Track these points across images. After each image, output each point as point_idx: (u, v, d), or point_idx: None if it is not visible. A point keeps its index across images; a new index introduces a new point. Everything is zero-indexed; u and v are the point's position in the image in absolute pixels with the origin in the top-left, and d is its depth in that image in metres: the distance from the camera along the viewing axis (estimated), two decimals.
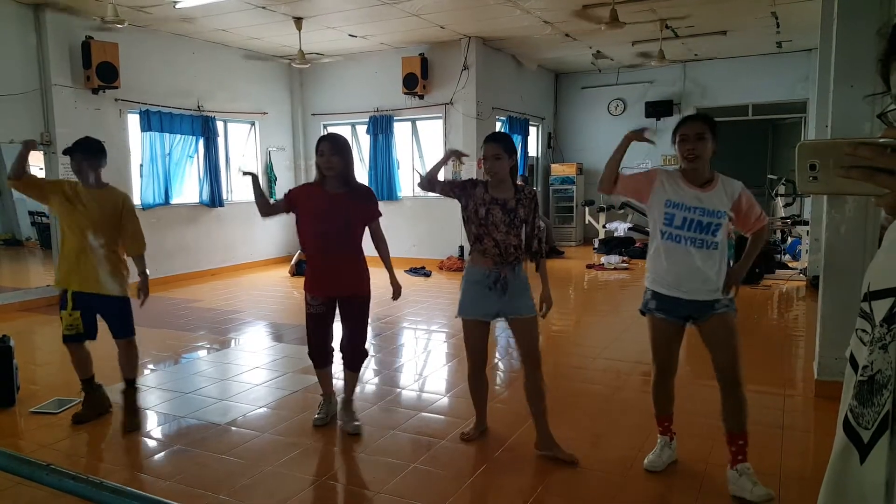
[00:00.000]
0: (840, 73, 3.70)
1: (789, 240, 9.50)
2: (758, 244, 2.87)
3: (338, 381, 3.89)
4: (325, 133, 3.63)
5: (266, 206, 3.51)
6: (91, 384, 3.79)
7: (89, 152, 3.57)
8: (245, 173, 3.55)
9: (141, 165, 8.24)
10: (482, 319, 3.17)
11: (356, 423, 3.58)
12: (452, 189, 3.20)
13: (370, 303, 3.55)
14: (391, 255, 3.61)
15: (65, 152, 3.64)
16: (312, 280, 3.47)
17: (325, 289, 3.43)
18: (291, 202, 3.47)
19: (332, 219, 3.35)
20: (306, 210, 3.41)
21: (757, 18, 8.18)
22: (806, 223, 8.36)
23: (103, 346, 3.78)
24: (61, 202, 3.56)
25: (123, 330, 3.69)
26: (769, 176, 10.44)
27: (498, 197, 3.09)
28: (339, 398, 3.73)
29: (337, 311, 3.52)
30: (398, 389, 4.21)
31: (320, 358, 3.61)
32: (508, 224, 3.07)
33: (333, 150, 3.31)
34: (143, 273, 3.71)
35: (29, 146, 3.66)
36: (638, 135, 2.90)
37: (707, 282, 2.72)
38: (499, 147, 3.05)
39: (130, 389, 3.77)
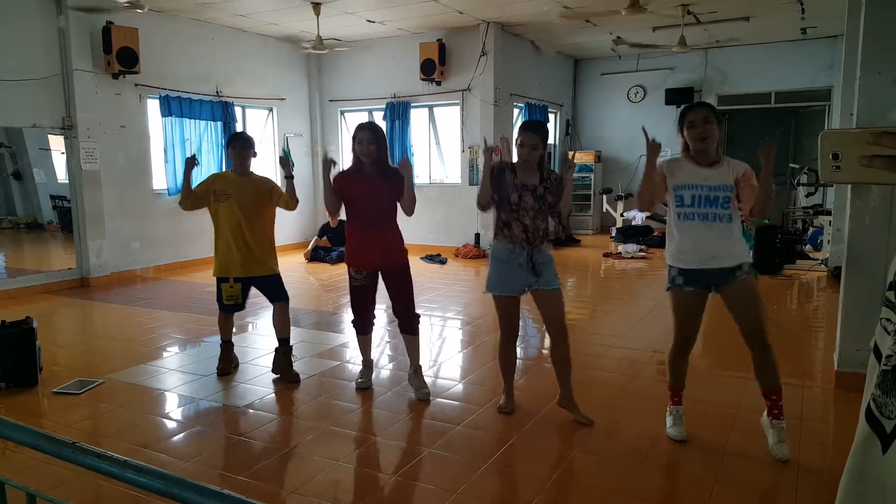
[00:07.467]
0: (867, 60, 3.61)
1: (810, 230, 9.36)
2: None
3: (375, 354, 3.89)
4: (363, 122, 3.85)
5: (332, 200, 3.73)
6: (229, 344, 4.35)
7: (245, 143, 4.04)
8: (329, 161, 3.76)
9: (165, 150, 8.30)
10: (513, 294, 3.34)
11: (425, 390, 3.81)
12: (494, 192, 3.32)
13: (410, 269, 3.81)
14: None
15: (227, 143, 4.10)
16: (356, 255, 3.77)
17: (368, 263, 3.74)
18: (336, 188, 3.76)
19: (372, 203, 3.67)
20: (350, 195, 3.69)
21: (782, 4, 8.00)
22: (828, 213, 8.22)
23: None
24: (214, 199, 3.98)
25: (280, 296, 4.19)
26: (791, 165, 10.25)
27: (528, 183, 3.28)
28: (409, 368, 3.94)
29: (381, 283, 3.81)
30: None
31: (363, 325, 3.95)
32: (538, 210, 3.26)
33: (372, 139, 3.60)
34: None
35: (190, 165, 3.95)
36: (652, 145, 3.03)
37: (724, 250, 2.87)
38: (537, 138, 3.26)
39: (284, 348, 4.17)
